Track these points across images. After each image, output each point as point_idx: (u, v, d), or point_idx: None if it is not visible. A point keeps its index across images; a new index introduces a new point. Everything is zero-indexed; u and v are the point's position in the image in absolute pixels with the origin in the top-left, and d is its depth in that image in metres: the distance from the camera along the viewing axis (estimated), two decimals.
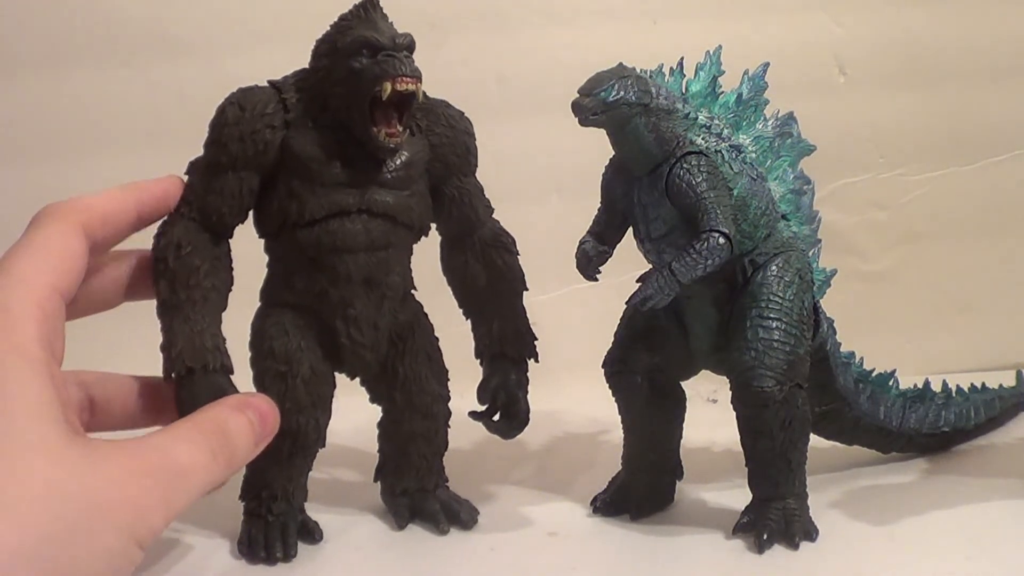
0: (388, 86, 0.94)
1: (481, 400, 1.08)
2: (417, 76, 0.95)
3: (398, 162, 0.99)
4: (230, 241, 1.00)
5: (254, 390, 1.00)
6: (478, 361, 1.10)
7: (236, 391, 0.95)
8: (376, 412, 1.09)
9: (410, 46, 0.96)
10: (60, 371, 0.85)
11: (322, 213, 0.97)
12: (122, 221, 0.95)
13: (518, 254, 1.09)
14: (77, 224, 0.91)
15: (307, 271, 1.00)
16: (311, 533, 1.03)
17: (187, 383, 0.93)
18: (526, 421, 1.08)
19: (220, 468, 0.88)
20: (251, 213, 1.00)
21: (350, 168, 0.97)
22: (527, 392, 1.08)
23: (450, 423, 1.09)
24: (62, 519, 0.74)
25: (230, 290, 0.99)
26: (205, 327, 0.95)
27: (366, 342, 1.02)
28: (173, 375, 0.94)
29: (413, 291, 1.08)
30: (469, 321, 1.10)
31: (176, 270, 0.95)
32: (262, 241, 1.03)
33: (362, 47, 0.95)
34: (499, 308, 1.08)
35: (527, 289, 1.09)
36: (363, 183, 0.98)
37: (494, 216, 1.09)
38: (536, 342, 1.09)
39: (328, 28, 0.99)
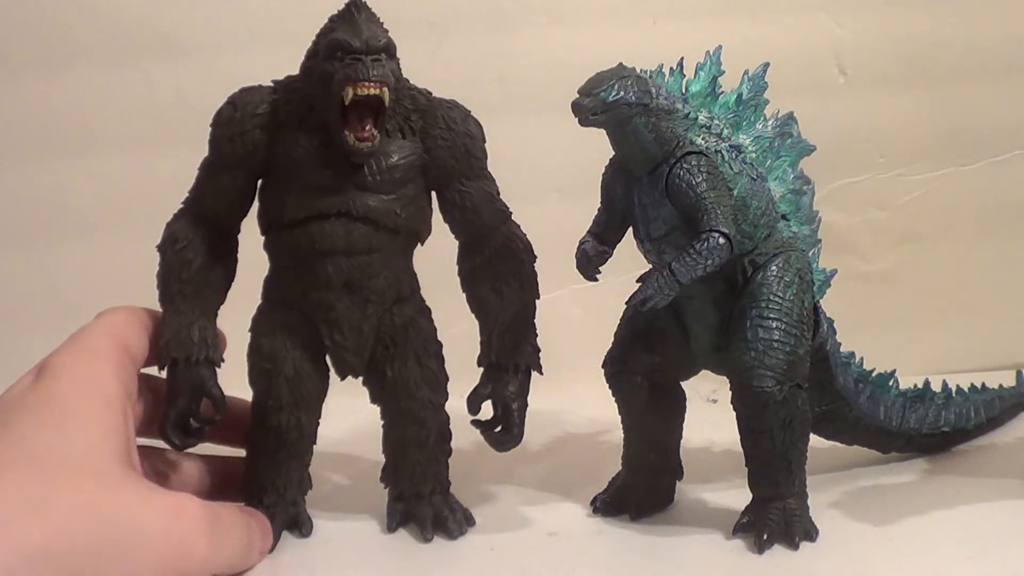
0: (350, 91, 0.94)
1: (470, 409, 1.05)
2: (382, 80, 0.94)
3: (383, 165, 0.98)
4: (239, 236, 1.02)
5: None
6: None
7: (216, 385, 0.98)
8: (375, 412, 1.09)
9: (385, 49, 0.95)
10: (130, 409, 0.91)
11: (301, 215, 0.97)
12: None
13: (527, 262, 1.05)
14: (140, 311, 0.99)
15: (293, 271, 1.00)
16: (299, 526, 1.03)
17: (171, 374, 0.97)
18: (518, 436, 1.05)
19: (242, 548, 0.93)
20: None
21: (332, 171, 0.97)
22: (524, 404, 1.05)
23: (451, 425, 1.08)
24: (98, 535, 0.78)
25: (229, 286, 1.00)
26: (194, 320, 0.97)
27: (348, 345, 1.02)
28: (162, 366, 0.97)
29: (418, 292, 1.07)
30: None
31: (171, 264, 0.98)
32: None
33: (335, 50, 0.95)
34: (500, 316, 1.05)
35: (539, 297, 1.06)
36: (344, 186, 0.97)
37: (513, 220, 1.06)
38: (539, 353, 1.06)
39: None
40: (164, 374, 0.98)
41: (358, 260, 0.99)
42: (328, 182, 0.97)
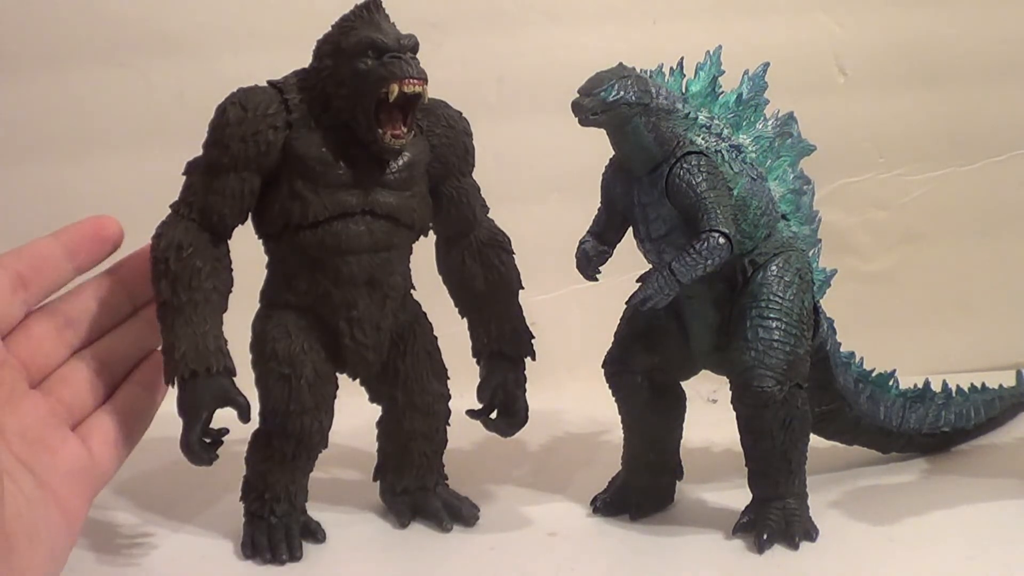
0: (395, 88, 0.94)
1: (481, 399, 1.08)
2: (423, 78, 0.95)
3: (400, 163, 0.99)
4: (229, 242, 1.00)
5: (256, 392, 1.00)
6: (475, 360, 1.10)
7: (240, 394, 0.95)
8: (375, 412, 1.09)
9: (414, 47, 0.97)
10: None
11: (325, 214, 0.97)
12: (53, 267, 0.93)
13: (514, 253, 1.09)
14: (10, 270, 0.91)
15: (309, 272, 1.00)
16: (313, 533, 1.03)
17: (191, 386, 0.93)
18: (525, 419, 1.08)
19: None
20: (250, 214, 1.00)
21: (353, 169, 0.98)
22: (525, 390, 1.09)
23: (450, 422, 1.09)
24: None
25: (230, 291, 0.99)
26: (208, 329, 0.94)
27: (369, 343, 1.02)
28: (176, 378, 0.94)
29: (412, 291, 1.08)
30: (465, 320, 1.10)
31: (178, 272, 0.95)
32: (261, 242, 1.03)
33: (367, 48, 0.95)
34: (496, 308, 1.08)
35: (523, 288, 1.09)
36: (366, 184, 0.98)
37: (490, 215, 1.09)
38: (533, 340, 1.09)
39: (330, 28, 0.99)
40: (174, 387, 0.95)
41: (379, 257, 1.00)
42: (351, 180, 0.98)
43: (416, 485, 1.08)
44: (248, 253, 1.02)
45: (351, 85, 0.96)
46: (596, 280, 1.05)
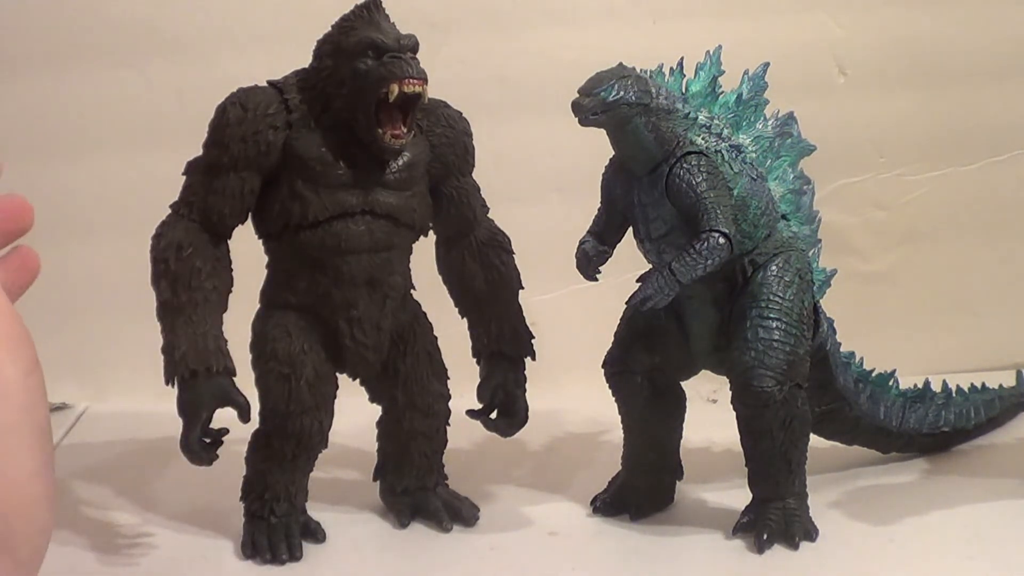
0: (395, 88, 0.94)
1: (481, 399, 1.08)
2: (423, 78, 0.96)
3: (400, 163, 1.00)
4: (229, 242, 1.00)
5: (256, 392, 1.00)
6: (475, 360, 1.10)
7: (240, 394, 0.95)
8: (375, 412, 1.09)
9: (414, 47, 0.97)
10: None
11: (325, 214, 0.97)
12: None
13: (514, 253, 1.09)
14: None
15: (309, 272, 1.00)
16: (313, 534, 1.03)
17: (191, 386, 0.93)
18: (525, 419, 1.09)
19: None
20: (250, 214, 1.00)
21: (353, 169, 0.98)
22: (525, 390, 1.09)
23: (450, 422, 1.09)
24: None
25: (230, 291, 0.99)
26: (208, 329, 0.94)
27: (369, 343, 1.02)
28: (176, 378, 0.94)
29: (412, 291, 1.08)
30: (465, 320, 1.10)
31: (178, 272, 0.95)
32: (262, 242, 1.03)
33: (367, 48, 0.95)
34: (496, 307, 1.08)
35: (523, 288, 1.09)
36: (366, 184, 0.98)
37: (490, 215, 1.09)
38: (533, 340, 1.10)
39: (330, 28, 0.99)
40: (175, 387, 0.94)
41: (379, 257, 1.00)
42: (351, 180, 0.98)
43: (416, 485, 1.08)
44: (248, 253, 1.02)
45: (351, 85, 0.96)
46: (596, 280, 1.05)
